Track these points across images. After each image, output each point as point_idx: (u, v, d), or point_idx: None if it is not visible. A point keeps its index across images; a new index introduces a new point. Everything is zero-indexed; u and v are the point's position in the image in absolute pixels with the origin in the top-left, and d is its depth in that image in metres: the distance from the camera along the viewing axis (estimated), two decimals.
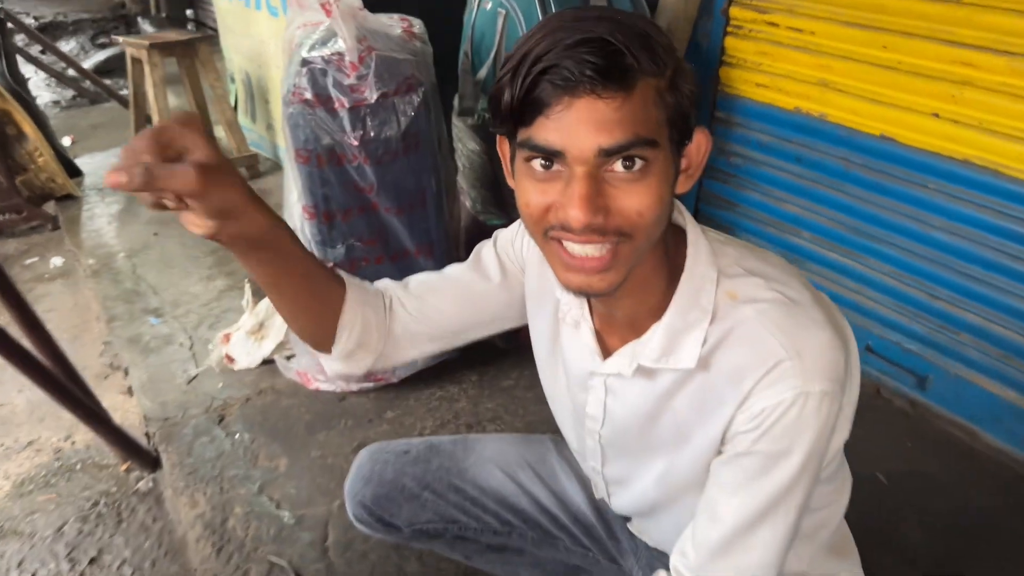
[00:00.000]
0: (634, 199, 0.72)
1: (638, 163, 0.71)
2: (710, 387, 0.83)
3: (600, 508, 1.24)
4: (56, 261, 3.25)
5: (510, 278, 1.08)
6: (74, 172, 3.96)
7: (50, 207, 3.63)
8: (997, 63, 1.73)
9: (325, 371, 2.17)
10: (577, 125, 0.69)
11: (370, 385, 2.21)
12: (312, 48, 1.85)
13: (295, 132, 1.85)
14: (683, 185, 0.80)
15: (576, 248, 0.75)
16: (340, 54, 1.79)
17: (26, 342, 1.84)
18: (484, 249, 1.10)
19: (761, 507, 0.80)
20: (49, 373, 1.82)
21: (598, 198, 0.71)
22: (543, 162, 0.73)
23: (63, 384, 1.86)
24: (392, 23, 1.96)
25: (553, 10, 1.97)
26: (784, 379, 0.77)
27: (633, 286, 0.82)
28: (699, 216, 2.60)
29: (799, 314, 0.79)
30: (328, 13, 1.72)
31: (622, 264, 0.76)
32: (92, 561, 1.80)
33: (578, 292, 0.79)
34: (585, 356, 0.94)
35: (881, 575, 1.62)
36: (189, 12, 7.98)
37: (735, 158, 2.42)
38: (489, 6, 2.13)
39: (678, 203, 0.87)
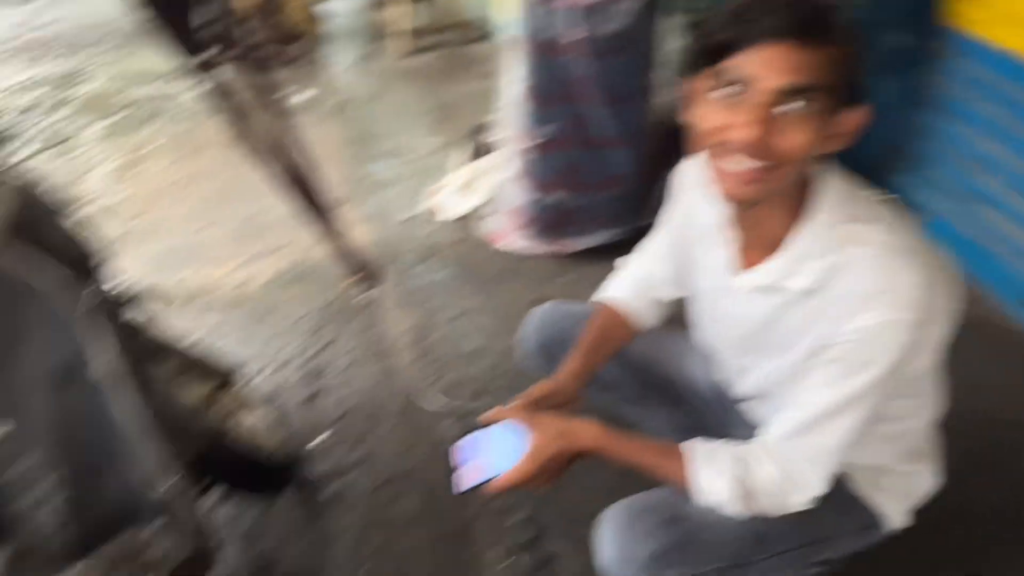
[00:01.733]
0: (796, 135, 0.90)
1: (803, 107, 0.89)
2: (821, 307, 1.02)
3: (718, 391, 1.45)
4: (302, 95, 3.75)
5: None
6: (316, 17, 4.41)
7: (299, 46, 4.12)
8: None
9: (513, 232, 2.51)
10: (771, 62, 0.88)
11: (550, 251, 2.53)
12: None
13: (527, 22, 2.09)
14: (830, 145, 0.96)
15: (734, 162, 0.94)
16: None
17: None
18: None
19: (840, 402, 1.01)
20: (317, 196, 2.25)
21: (767, 123, 0.90)
22: (730, 90, 0.91)
23: (325, 206, 2.30)
24: None
25: None
26: (883, 305, 0.95)
27: (772, 213, 1.03)
28: (890, 142, 2.61)
29: (899, 258, 0.97)
30: None
31: (768, 182, 0.95)
32: (328, 344, 2.30)
33: (729, 197, 1.00)
34: (724, 270, 1.17)
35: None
36: None
37: (940, 89, 2.39)
38: None
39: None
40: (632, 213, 2.44)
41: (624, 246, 2.50)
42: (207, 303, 2.48)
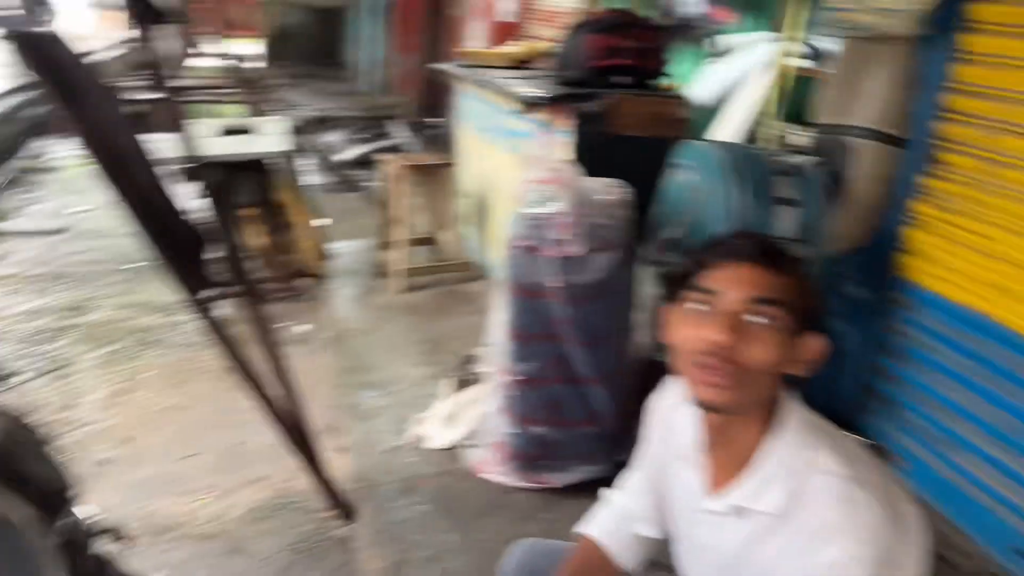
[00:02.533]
0: (759, 343, 1.02)
1: (769, 318, 1.01)
2: (788, 539, 1.05)
3: None
4: (301, 328, 3.91)
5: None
6: (323, 256, 4.72)
7: (304, 283, 4.37)
8: None
9: (496, 464, 2.52)
10: (738, 279, 1.04)
11: (532, 486, 2.51)
12: (537, 205, 2.28)
13: (513, 270, 2.27)
14: (794, 368, 1.06)
15: (707, 370, 1.04)
16: (558, 214, 2.20)
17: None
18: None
19: None
20: (294, 423, 2.30)
21: (733, 332, 1.01)
22: (704, 300, 1.05)
23: (305, 438, 2.33)
24: (604, 189, 2.36)
25: (741, 193, 2.26)
26: (840, 542, 0.98)
27: (741, 431, 1.09)
28: (866, 389, 2.70)
29: (860, 491, 1.01)
30: (553, 184, 2.15)
31: (737, 388, 1.03)
32: None
33: (701, 403, 1.07)
34: (696, 493, 1.20)
35: None
36: (437, 119, 9.04)
37: (904, 338, 2.52)
38: (687, 179, 2.47)
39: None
40: (612, 450, 2.46)
41: (606, 483, 2.52)
42: (179, 536, 2.42)
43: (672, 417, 1.30)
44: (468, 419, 2.73)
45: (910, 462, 2.55)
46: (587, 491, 2.52)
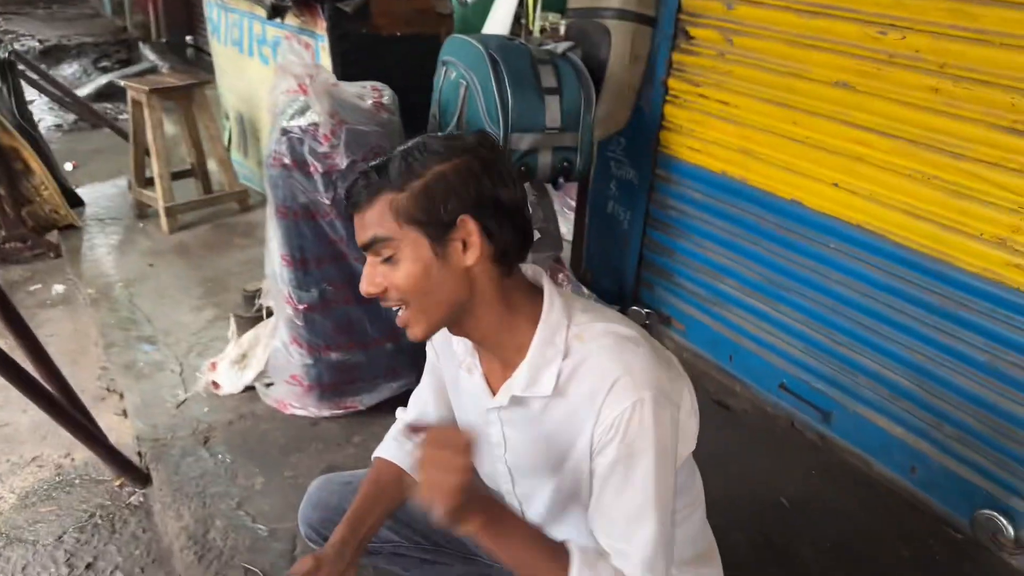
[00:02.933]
0: (389, 276, 1.04)
1: (384, 253, 1.03)
2: (571, 410, 1.07)
3: None
4: (58, 288, 3.47)
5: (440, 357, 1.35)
6: (76, 202, 4.19)
7: (53, 236, 3.86)
8: (885, 144, 1.98)
9: (298, 398, 2.41)
10: (357, 227, 1.06)
11: (340, 412, 2.44)
12: (292, 117, 2.10)
13: (275, 191, 2.10)
14: (471, 256, 1.03)
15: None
16: (315, 125, 2.04)
17: (30, 367, 2.07)
18: (429, 354, 1.38)
19: (638, 499, 1.03)
20: (51, 396, 2.04)
21: (372, 276, 1.05)
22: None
23: (63, 407, 2.08)
24: (364, 93, 2.22)
25: (507, 85, 2.21)
26: (622, 391, 1.01)
27: (487, 333, 1.10)
28: (643, 261, 2.85)
29: (628, 345, 1.06)
30: (304, 92, 1.97)
31: (416, 321, 1.07)
32: (88, 567, 2.01)
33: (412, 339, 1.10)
34: (480, 395, 1.19)
35: None
36: (189, 38, 8.23)
37: (672, 211, 2.67)
38: (453, 76, 2.37)
39: (535, 267, 1.15)
40: (415, 362, 2.42)
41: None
42: None
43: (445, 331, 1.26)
44: (260, 358, 2.57)
45: (686, 324, 2.75)
46: (397, 407, 2.50)
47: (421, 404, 1.42)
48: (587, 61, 2.40)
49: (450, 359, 1.28)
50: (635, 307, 2.84)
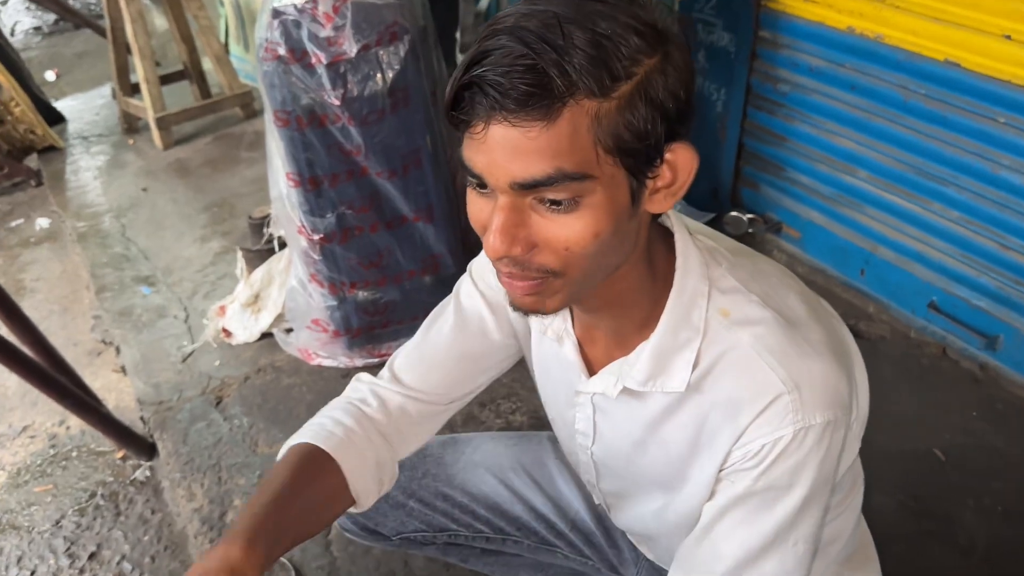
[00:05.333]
0: (562, 232, 0.74)
1: (561, 195, 0.72)
2: (703, 417, 0.88)
3: (600, 514, 1.32)
4: (42, 222, 3.42)
5: (499, 312, 1.11)
6: (56, 119, 4.11)
7: (32, 161, 3.80)
8: None
9: (323, 345, 2.30)
10: (493, 152, 0.71)
11: (375, 360, 2.32)
12: None
13: (271, 92, 1.91)
14: (661, 204, 0.81)
15: (507, 273, 0.79)
16: (314, 1, 1.83)
17: (6, 330, 2.00)
18: (463, 294, 1.12)
19: (764, 542, 0.86)
20: (32, 363, 1.96)
21: (518, 228, 0.75)
22: (473, 180, 0.76)
23: (48, 374, 2.00)
24: None
25: None
26: (784, 414, 0.82)
27: (612, 299, 0.87)
28: (744, 152, 2.60)
29: (796, 337, 0.84)
30: None
31: (554, 294, 0.80)
32: (92, 556, 1.98)
33: (519, 311, 0.84)
34: (570, 372, 1.00)
35: (930, 567, 1.69)
36: None
37: (782, 84, 2.40)
38: None
39: None
40: None
41: None
42: None
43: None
44: (275, 299, 2.45)
45: (802, 230, 2.53)
46: None
47: (425, 367, 1.14)
48: None
49: (525, 322, 1.09)
50: (735, 212, 2.62)
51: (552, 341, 1.01)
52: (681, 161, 0.78)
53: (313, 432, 1.06)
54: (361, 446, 1.06)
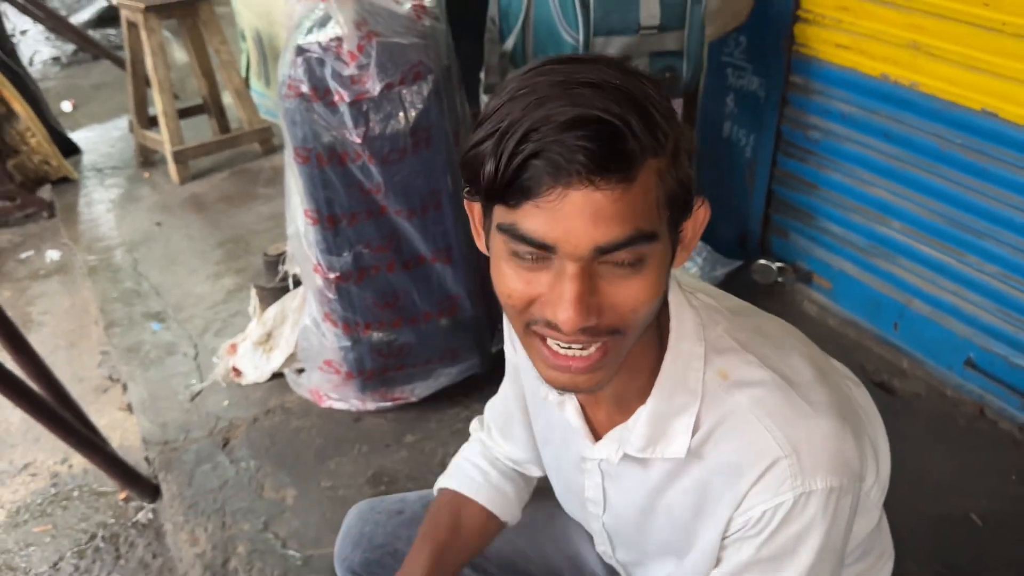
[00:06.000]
0: (631, 294, 0.76)
1: (631, 258, 0.74)
2: (705, 483, 0.89)
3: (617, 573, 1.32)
4: (52, 255, 3.48)
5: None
6: (71, 150, 4.20)
7: (45, 192, 3.88)
8: None
9: (335, 387, 2.32)
10: (572, 219, 0.71)
11: (388, 405, 2.33)
12: (310, 31, 1.95)
13: (293, 129, 1.96)
14: (680, 258, 0.83)
15: (562, 348, 0.79)
16: (338, 40, 1.88)
17: (9, 360, 2.03)
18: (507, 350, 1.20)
19: None
20: (37, 399, 1.99)
21: (592, 297, 0.74)
22: (530, 251, 0.75)
23: (53, 410, 2.03)
24: None
25: None
26: (783, 480, 0.82)
27: (623, 362, 0.87)
28: (773, 199, 2.62)
29: (796, 399, 0.85)
30: None
31: (611, 361, 0.81)
32: None
33: (563, 390, 0.85)
34: (575, 438, 1.01)
35: None
36: None
37: (813, 131, 2.42)
38: None
39: None
40: (479, 338, 2.30)
41: (478, 384, 2.39)
42: None
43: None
44: (288, 338, 2.48)
45: (833, 281, 2.53)
46: (457, 398, 2.39)
47: (505, 416, 1.25)
48: None
49: (532, 372, 1.10)
50: (763, 260, 2.63)
51: (553, 406, 1.02)
52: (701, 214, 0.83)
53: (457, 477, 1.28)
54: (491, 485, 1.25)
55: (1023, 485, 2.00)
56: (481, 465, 1.27)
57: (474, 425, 1.33)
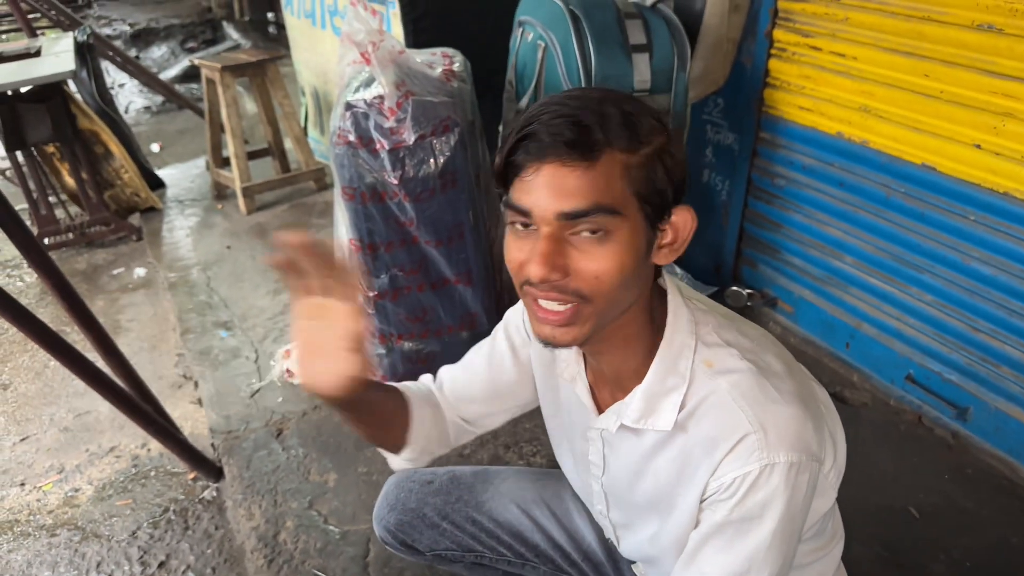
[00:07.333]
0: (593, 262, 0.80)
1: (596, 227, 0.79)
2: (688, 452, 0.90)
3: (610, 548, 1.32)
4: (139, 272, 3.51)
5: (521, 357, 1.17)
6: (157, 184, 4.25)
7: (135, 219, 3.91)
8: None
9: None
10: (542, 189, 0.79)
11: None
12: (357, 90, 1.97)
13: (341, 171, 1.98)
14: (665, 258, 0.88)
15: (543, 302, 0.84)
16: (381, 97, 1.91)
17: (99, 358, 2.05)
18: (497, 336, 1.20)
19: (741, 566, 0.87)
20: (119, 389, 2.00)
21: (558, 256, 0.80)
22: (521, 221, 0.82)
23: (136, 402, 2.05)
24: (434, 60, 2.06)
25: (589, 46, 2.02)
26: (751, 451, 0.84)
27: (617, 345, 0.92)
28: (744, 235, 2.61)
29: (768, 388, 0.87)
30: (367, 62, 1.84)
31: (584, 322, 0.84)
32: (161, 565, 1.99)
33: (544, 342, 0.87)
34: (583, 411, 1.04)
35: None
36: (270, 15, 8.29)
37: (779, 179, 2.42)
38: (531, 38, 2.20)
39: (664, 270, 0.96)
40: None
41: None
42: (21, 533, 2.13)
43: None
44: None
45: (795, 305, 2.51)
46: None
47: (465, 383, 1.21)
48: (680, 13, 2.18)
49: (543, 353, 1.12)
50: (735, 287, 2.62)
51: (566, 383, 1.05)
52: (682, 221, 0.87)
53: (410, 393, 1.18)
54: (428, 417, 1.16)
55: (954, 483, 1.97)
56: (425, 388, 1.23)
57: (426, 378, 1.27)
